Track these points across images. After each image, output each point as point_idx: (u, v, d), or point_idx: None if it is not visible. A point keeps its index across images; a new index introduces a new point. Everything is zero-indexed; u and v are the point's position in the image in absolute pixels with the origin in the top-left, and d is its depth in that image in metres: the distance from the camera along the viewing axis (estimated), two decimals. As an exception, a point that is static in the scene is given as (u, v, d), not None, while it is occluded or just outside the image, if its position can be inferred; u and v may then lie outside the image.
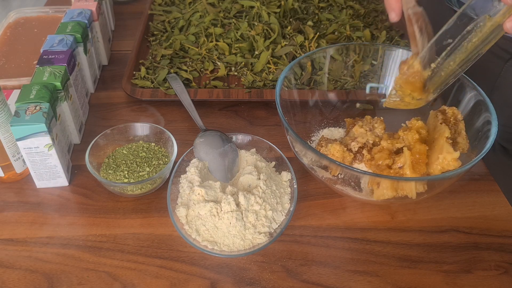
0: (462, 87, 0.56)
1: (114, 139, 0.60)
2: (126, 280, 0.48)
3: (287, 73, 0.57)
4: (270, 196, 0.52)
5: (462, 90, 0.56)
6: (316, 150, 0.49)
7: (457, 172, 0.46)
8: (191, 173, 0.54)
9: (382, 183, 0.50)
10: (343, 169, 0.50)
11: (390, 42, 0.80)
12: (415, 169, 0.50)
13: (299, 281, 0.48)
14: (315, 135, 0.63)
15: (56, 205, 0.55)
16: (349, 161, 0.54)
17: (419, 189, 0.49)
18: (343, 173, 0.52)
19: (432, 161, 0.50)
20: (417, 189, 0.49)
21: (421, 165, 0.50)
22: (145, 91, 0.69)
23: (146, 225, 0.53)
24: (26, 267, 0.49)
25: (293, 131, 0.49)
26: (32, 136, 0.51)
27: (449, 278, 0.49)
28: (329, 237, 0.52)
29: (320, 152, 0.51)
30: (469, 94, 0.55)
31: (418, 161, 0.50)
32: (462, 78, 0.55)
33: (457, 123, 0.53)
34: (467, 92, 0.55)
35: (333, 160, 0.49)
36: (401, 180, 0.49)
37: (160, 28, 0.84)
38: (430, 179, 0.49)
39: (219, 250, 0.48)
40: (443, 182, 0.49)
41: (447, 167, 0.49)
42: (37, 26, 0.81)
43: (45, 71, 0.58)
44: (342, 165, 0.48)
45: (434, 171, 0.50)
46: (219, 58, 0.76)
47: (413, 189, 0.48)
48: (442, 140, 0.50)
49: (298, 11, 0.85)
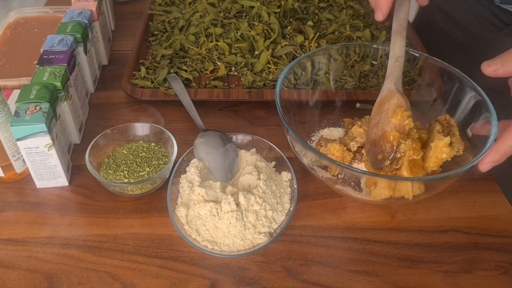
0: (462, 87, 0.56)
1: (114, 139, 0.60)
2: (126, 280, 0.48)
3: (287, 73, 0.57)
4: (270, 196, 0.52)
5: (462, 90, 0.56)
6: (316, 150, 0.49)
7: (455, 172, 0.46)
8: (191, 173, 0.54)
9: (379, 182, 0.50)
10: (342, 168, 0.50)
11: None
12: (412, 170, 0.49)
13: (299, 281, 0.48)
14: (315, 135, 0.63)
15: (56, 205, 0.55)
16: (348, 161, 0.54)
17: (416, 191, 0.48)
18: (343, 173, 0.52)
19: (426, 156, 0.50)
20: (414, 191, 0.48)
21: (419, 168, 0.49)
22: (145, 91, 0.70)
23: (146, 225, 0.53)
24: (26, 267, 0.49)
25: (293, 131, 0.49)
26: (32, 136, 0.51)
27: (449, 278, 0.49)
28: (329, 237, 0.52)
29: (320, 152, 0.51)
30: (469, 94, 0.55)
31: (415, 163, 0.49)
32: (462, 78, 0.55)
33: (450, 127, 0.53)
34: (467, 92, 0.55)
35: (333, 160, 0.49)
36: (398, 180, 0.49)
37: (160, 28, 0.84)
38: (427, 179, 0.48)
39: (219, 250, 0.48)
40: (441, 182, 0.49)
41: (440, 155, 0.48)
42: (37, 26, 0.81)
43: (45, 71, 0.58)
44: (342, 165, 0.48)
45: (429, 163, 0.49)
46: (219, 58, 0.76)
47: (409, 190, 0.48)
48: (434, 133, 0.50)
49: (298, 11, 0.85)
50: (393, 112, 0.51)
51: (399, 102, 0.51)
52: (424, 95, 0.62)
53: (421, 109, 0.56)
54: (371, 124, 0.53)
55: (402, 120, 0.50)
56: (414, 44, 0.80)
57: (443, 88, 0.59)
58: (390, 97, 0.52)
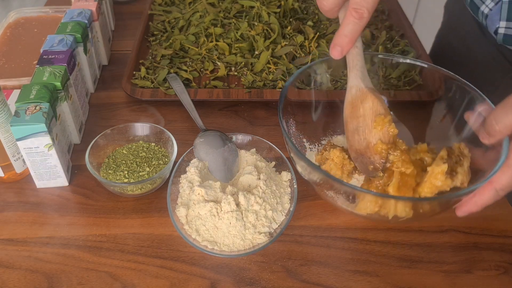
0: (472, 100, 0.52)
1: (114, 139, 0.60)
2: (126, 280, 0.48)
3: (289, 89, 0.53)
4: (270, 196, 0.52)
5: (471, 104, 0.52)
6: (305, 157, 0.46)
7: (448, 196, 0.44)
8: (191, 173, 0.54)
9: (366, 195, 0.46)
10: (324, 177, 0.47)
11: (390, 42, 0.80)
12: (400, 189, 0.46)
13: (299, 281, 0.48)
14: (327, 140, 0.60)
15: (56, 205, 0.55)
16: (349, 170, 0.52)
17: (401, 213, 0.45)
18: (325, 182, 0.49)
19: (422, 181, 0.47)
20: (399, 212, 0.45)
21: (408, 189, 0.47)
22: (145, 91, 0.70)
23: (146, 225, 0.53)
24: (26, 267, 0.49)
25: (289, 138, 0.48)
26: (32, 136, 0.51)
27: (449, 278, 0.49)
28: (329, 237, 0.52)
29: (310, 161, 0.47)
30: (479, 109, 0.51)
31: (405, 183, 0.47)
32: (473, 91, 0.51)
33: (461, 156, 0.49)
34: (476, 106, 0.51)
35: (315, 165, 0.46)
36: (382, 197, 0.46)
37: (160, 28, 0.84)
38: (404, 199, 0.46)
39: (219, 250, 0.48)
40: (427, 205, 0.46)
41: (435, 182, 0.46)
42: (37, 26, 0.81)
43: (45, 71, 0.58)
44: (325, 174, 0.45)
45: (423, 188, 0.47)
46: (219, 58, 0.76)
47: (391, 209, 0.45)
48: (436, 158, 0.48)
49: (298, 11, 0.85)
50: (373, 121, 0.48)
51: (374, 106, 0.48)
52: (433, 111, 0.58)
53: (430, 125, 0.54)
54: (348, 129, 0.51)
55: (384, 128, 0.48)
56: (414, 44, 0.80)
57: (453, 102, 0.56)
58: (362, 99, 0.49)
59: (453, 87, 0.54)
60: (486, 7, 0.68)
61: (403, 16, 0.89)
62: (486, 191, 0.45)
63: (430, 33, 0.96)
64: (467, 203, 0.46)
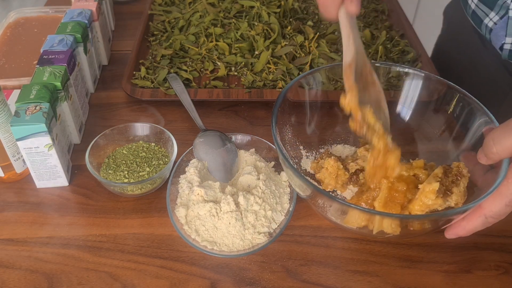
0: (471, 112, 0.51)
1: (114, 139, 0.60)
2: (126, 280, 0.48)
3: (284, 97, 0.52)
4: (269, 196, 0.52)
5: (471, 116, 0.51)
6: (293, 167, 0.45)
7: (432, 216, 0.43)
8: (191, 173, 0.54)
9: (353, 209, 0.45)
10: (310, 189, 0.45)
11: (390, 42, 0.80)
12: (387, 204, 0.46)
13: (299, 281, 0.48)
14: (326, 148, 0.60)
15: (56, 205, 0.55)
16: (343, 180, 0.52)
17: (388, 229, 0.44)
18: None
19: (413, 198, 0.47)
20: (385, 228, 0.44)
21: (396, 205, 0.46)
22: (145, 91, 0.70)
23: (146, 225, 0.53)
24: (26, 267, 0.49)
25: (280, 149, 0.47)
26: (32, 136, 0.51)
27: (449, 278, 0.49)
28: (329, 237, 0.52)
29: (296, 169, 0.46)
30: (478, 121, 0.50)
31: (394, 198, 0.47)
32: (473, 102, 0.50)
33: (459, 175, 0.47)
34: (476, 118, 0.50)
35: (303, 176, 0.45)
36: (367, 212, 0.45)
37: (160, 28, 0.84)
38: (396, 217, 0.45)
39: (218, 250, 0.48)
40: (414, 223, 0.44)
41: (425, 200, 0.45)
42: (37, 26, 0.81)
43: (45, 71, 0.58)
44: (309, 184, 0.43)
45: (414, 206, 0.46)
46: (219, 58, 0.76)
47: (376, 224, 0.44)
48: (430, 176, 0.47)
49: (298, 11, 0.85)
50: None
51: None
52: (433, 125, 0.57)
53: (430, 137, 0.53)
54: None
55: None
56: (414, 44, 0.80)
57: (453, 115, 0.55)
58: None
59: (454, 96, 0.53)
60: (491, 21, 0.65)
61: (403, 16, 0.89)
62: (475, 217, 0.44)
63: (430, 33, 0.96)
64: (456, 226, 0.45)
